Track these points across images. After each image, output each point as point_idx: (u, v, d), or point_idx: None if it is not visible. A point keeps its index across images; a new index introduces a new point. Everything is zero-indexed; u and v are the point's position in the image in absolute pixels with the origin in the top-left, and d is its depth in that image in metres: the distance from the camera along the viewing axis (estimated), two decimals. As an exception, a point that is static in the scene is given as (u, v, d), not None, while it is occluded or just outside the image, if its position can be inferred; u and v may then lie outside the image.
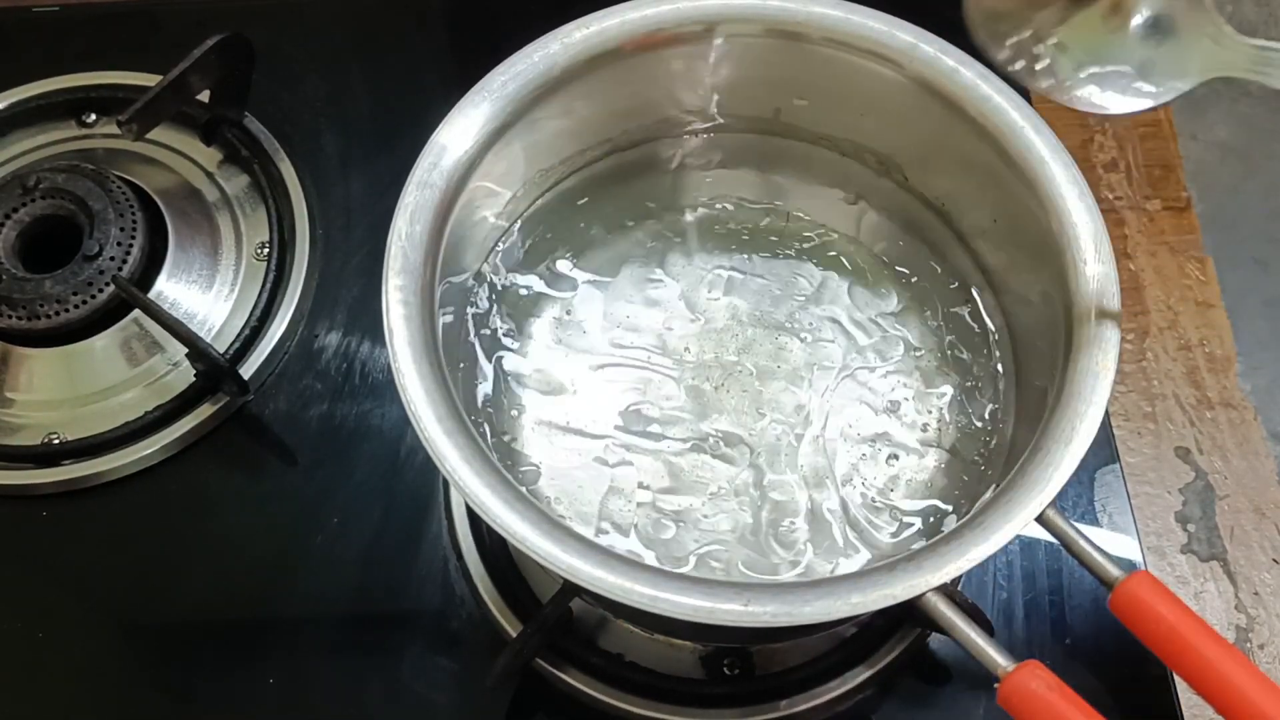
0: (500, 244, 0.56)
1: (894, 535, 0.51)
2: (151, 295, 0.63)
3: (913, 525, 0.51)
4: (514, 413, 0.54)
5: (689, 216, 0.58)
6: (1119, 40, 0.42)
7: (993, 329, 0.55)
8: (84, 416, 0.63)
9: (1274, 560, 0.62)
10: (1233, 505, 0.63)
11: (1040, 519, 0.43)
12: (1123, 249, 0.70)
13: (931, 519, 0.51)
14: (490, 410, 0.53)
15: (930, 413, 0.54)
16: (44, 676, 0.58)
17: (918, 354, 0.55)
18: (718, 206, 0.58)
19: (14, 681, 0.57)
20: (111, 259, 0.63)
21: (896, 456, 0.53)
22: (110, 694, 0.57)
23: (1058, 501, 0.43)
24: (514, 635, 0.56)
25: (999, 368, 0.54)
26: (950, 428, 0.53)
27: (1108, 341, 0.46)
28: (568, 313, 0.56)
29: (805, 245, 0.57)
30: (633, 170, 0.58)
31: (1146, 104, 0.42)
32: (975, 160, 0.52)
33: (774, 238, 0.58)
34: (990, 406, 0.53)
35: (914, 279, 0.56)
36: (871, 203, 0.58)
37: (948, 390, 0.54)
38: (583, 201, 0.58)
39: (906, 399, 0.54)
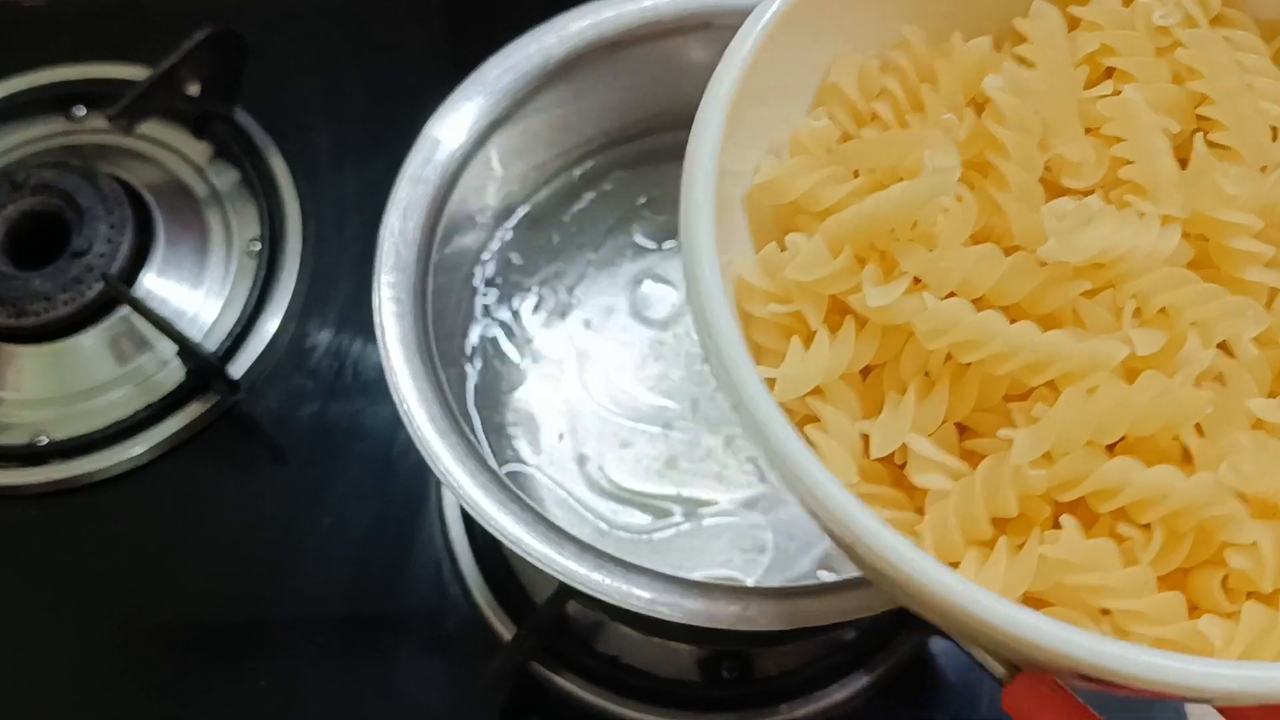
0: (495, 239, 0.56)
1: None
2: (140, 292, 0.63)
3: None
4: (511, 408, 0.53)
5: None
6: None
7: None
8: (72, 415, 0.62)
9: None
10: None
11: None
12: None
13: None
14: (484, 406, 0.53)
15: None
16: (33, 678, 0.57)
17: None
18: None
19: (3, 683, 0.57)
20: (100, 255, 0.62)
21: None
22: (99, 695, 0.57)
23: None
24: (509, 638, 0.56)
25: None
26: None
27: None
28: (566, 307, 0.55)
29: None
30: (631, 164, 0.58)
31: None
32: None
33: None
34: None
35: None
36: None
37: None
38: (579, 195, 0.57)
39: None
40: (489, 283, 0.56)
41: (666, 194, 0.58)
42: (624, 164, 0.58)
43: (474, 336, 0.55)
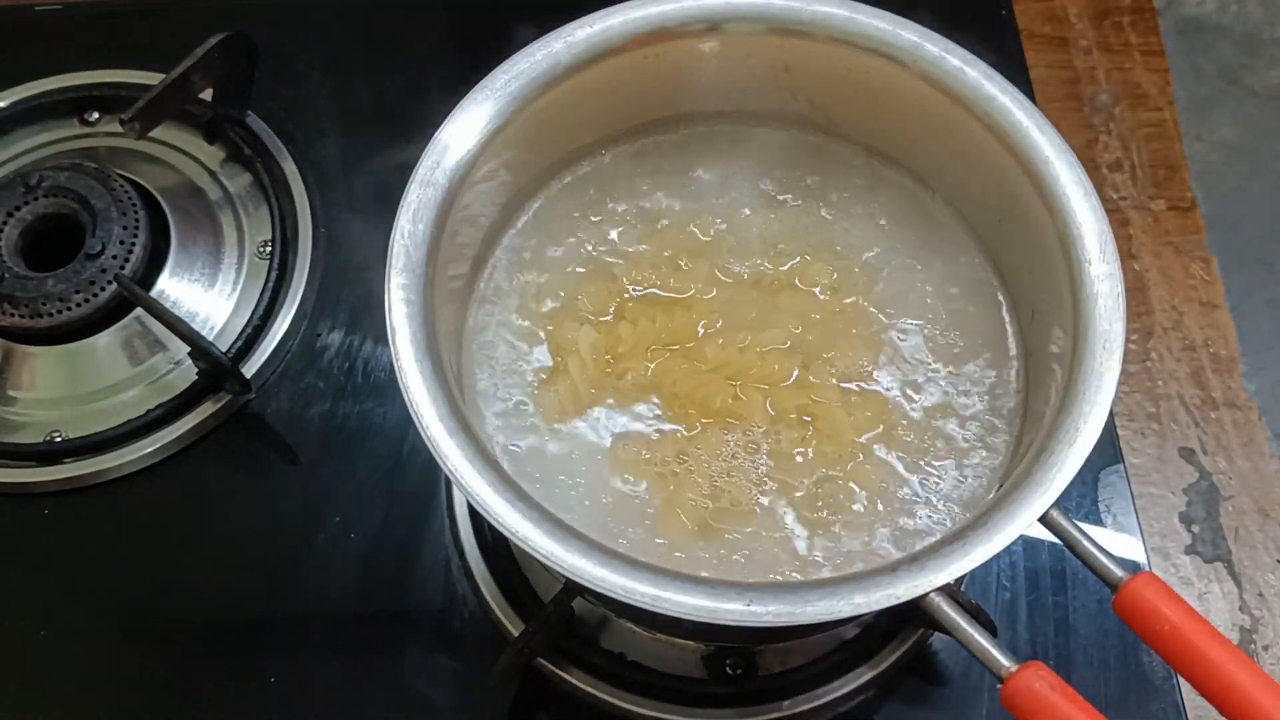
0: (504, 240, 0.56)
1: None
2: (154, 294, 0.64)
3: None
4: (516, 408, 0.53)
5: (697, 205, 0.58)
6: None
7: (1008, 328, 0.54)
8: (86, 415, 0.63)
9: (1278, 561, 0.62)
10: (1237, 506, 0.63)
11: (1044, 519, 0.43)
12: (1127, 249, 0.70)
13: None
14: (492, 404, 0.53)
15: (941, 411, 0.53)
16: (44, 676, 0.58)
17: (932, 348, 0.54)
18: (728, 195, 0.58)
19: (14, 681, 0.58)
20: (114, 257, 0.63)
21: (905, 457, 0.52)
22: (111, 693, 0.57)
23: (1061, 502, 0.43)
24: (516, 634, 0.56)
25: (1009, 366, 0.54)
26: (957, 426, 0.53)
27: (1112, 342, 0.46)
28: (576, 306, 0.56)
29: (819, 243, 0.57)
30: (638, 164, 0.58)
31: None
32: (980, 159, 0.52)
33: (783, 233, 0.57)
34: (998, 405, 0.53)
35: (929, 274, 0.56)
36: (880, 197, 0.57)
37: (961, 388, 0.54)
38: (588, 195, 0.57)
39: (916, 394, 0.53)
40: (499, 283, 0.56)
41: (674, 192, 0.58)
42: (631, 164, 0.58)
43: (483, 336, 0.55)
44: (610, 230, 0.56)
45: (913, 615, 0.48)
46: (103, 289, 0.62)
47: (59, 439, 0.62)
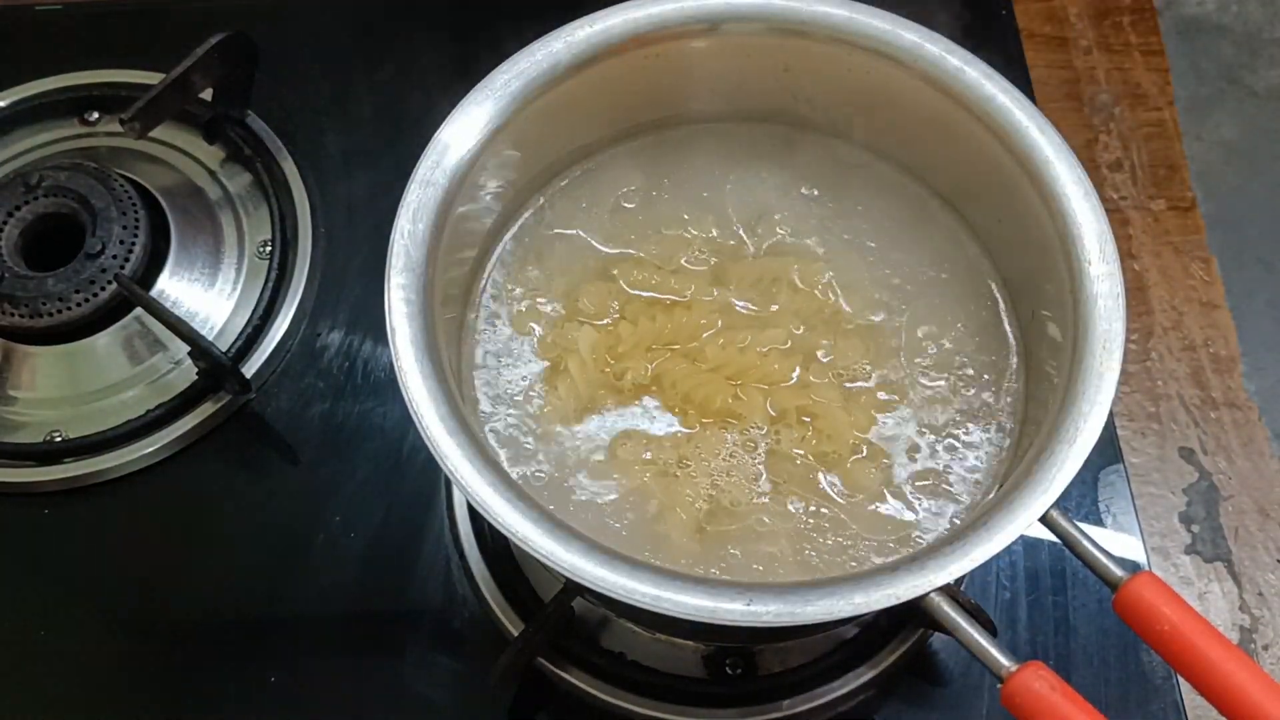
0: (504, 239, 0.56)
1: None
2: (154, 293, 0.64)
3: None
4: (516, 408, 0.53)
5: (696, 205, 0.58)
6: None
7: (1007, 327, 0.54)
8: (86, 414, 0.63)
9: (1278, 561, 0.62)
10: (1237, 506, 0.63)
11: (1044, 519, 0.43)
12: (1127, 249, 0.70)
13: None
14: (492, 404, 0.53)
15: (941, 411, 0.53)
16: (44, 676, 0.58)
17: (933, 348, 0.54)
18: (727, 195, 0.58)
19: (14, 681, 0.58)
20: (114, 257, 0.63)
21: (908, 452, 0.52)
22: (110, 693, 0.58)
23: (1061, 502, 0.43)
24: (516, 634, 0.56)
25: (1009, 366, 0.54)
26: (956, 426, 0.53)
27: (1112, 342, 0.46)
28: (574, 304, 0.56)
29: (819, 242, 0.57)
30: (638, 160, 0.58)
31: None
32: (980, 159, 0.52)
33: (783, 232, 0.57)
34: (998, 405, 0.53)
35: (928, 274, 0.56)
36: (880, 197, 0.57)
37: (961, 388, 0.54)
38: (588, 195, 0.58)
39: (915, 394, 0.54)
40: (499, 282, 0.56)
41: (673, 191, 0.58)
42: (631, 163, 0.58)
43: (483, 335, 0.55)
44: (610, 230, 0.56)
45: (913, 615, 0.48)
46: (103, 289, 0.62)
47: (59, 439, 0.62)
